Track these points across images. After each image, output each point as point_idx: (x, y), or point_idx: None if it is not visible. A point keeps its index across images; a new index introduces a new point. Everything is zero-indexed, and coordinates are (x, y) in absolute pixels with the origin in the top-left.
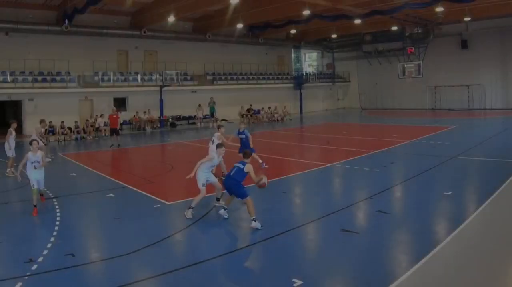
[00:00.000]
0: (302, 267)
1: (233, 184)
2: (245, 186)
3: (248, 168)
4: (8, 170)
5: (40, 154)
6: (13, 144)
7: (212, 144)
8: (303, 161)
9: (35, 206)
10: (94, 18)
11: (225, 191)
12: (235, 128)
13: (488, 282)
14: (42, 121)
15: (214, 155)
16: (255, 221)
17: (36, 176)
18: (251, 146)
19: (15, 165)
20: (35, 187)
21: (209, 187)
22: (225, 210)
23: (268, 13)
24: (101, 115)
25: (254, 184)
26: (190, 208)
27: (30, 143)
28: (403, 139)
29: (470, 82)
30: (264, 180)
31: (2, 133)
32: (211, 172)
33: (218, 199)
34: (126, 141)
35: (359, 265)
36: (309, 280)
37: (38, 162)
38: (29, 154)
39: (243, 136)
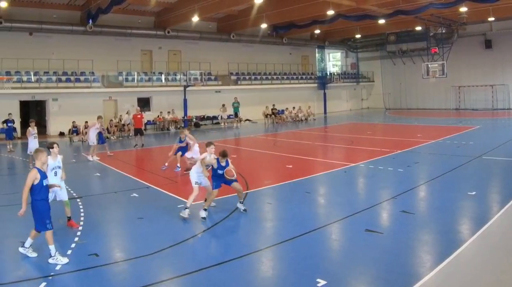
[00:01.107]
0: (326, 267)
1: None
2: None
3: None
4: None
5: (60, 158)
6: (31, 142)
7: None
8: (327, 161)
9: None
10: (118, 18)
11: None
12: (258, 128)
13: None
14: (99, 117)
15: (204, 155)
16: (205, 210)
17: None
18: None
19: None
20: (51, 198)
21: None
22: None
23: (292, 13)
24: (127, 112)
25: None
26: (186, 208)
27: (50, 147)
28: (427, 139)
29: (494, 82)
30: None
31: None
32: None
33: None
34: (150, 141)
35: (383, 265)
36: (333, 280)
37: (59, 167)
38: (48, 159)
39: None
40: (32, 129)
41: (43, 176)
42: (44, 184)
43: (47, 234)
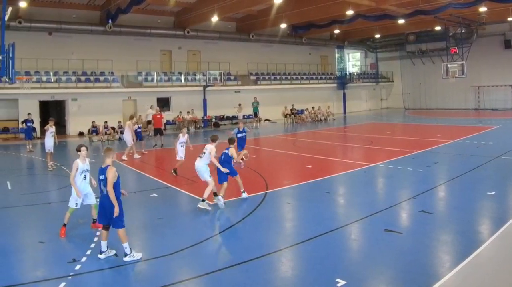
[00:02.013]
0: (346, 267)
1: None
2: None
3: (231, 151)
4: (49, 165)
5: (88, 161)
6: (48, 141)
7: (182, 146)
8: (347, 161)
9: (64, 225)
10: (137, 18)
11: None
12: (278, 128)
13: None
14: (132, 117)
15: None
16: (203, 201)
17: (86, 188)
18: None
19: (53, 160)
20: (78, 206)
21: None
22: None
23: (312, 13)
24: (151, 107)
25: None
26: (203, 200)
27: (78, 149)
28: (447, 139)
29: None
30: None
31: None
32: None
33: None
34: (169, 141)
35: (402, 265)
36: (353, 280)
37: (88, 170)
38: (78, 162)
39: (243, 134)
40: (50, 127)
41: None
42: (119, 181)
43: (122, 232)
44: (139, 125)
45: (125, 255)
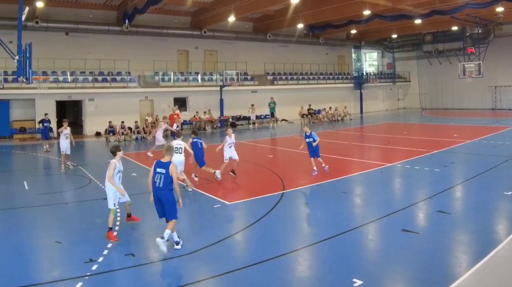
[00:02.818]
0: (363, 267)
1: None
2: None
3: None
4: (62, 166)
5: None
6: (63, 142)
7: (230, 147)
8: (364, 160)
9: (110, 228)
10: (154, 18)
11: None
12: (294, 128)
13: None
14: (164, 117)
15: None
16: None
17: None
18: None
19: (67, 161)
20: (116, 205)
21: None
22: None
23: (328, 13)
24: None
25: None
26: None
27: (116, 150)
28: (464, 139)
29: None
30: None
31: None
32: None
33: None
34: (186, 141)
35: (419, 265)
36: (370, 280)
37: (121, 171)
38: (115, 163)
39: (310, 139)
40: (65, 129)
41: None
42: None
43: (175, 222)
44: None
45: (177, 243)
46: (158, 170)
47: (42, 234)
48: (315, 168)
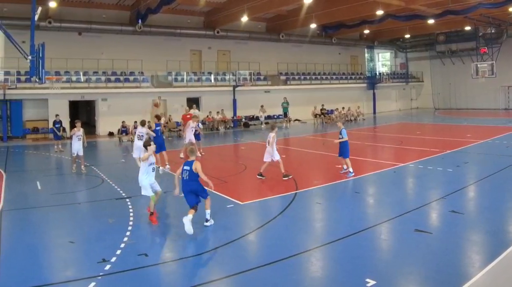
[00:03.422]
0: (376, 267)
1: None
2: None
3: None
4: (73, 167)
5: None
6: (75, 144)
7: (268, 145)
8: (377, 160)
9: (151, 213)
10: (167, 18)
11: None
12: (307, 128)
13: None
14: (194, 117)
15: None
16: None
17: (152, 179)
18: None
19: (81, 164)
20: (152, 193)
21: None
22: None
23: (341, 13)
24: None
25: None
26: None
27: (148, 145)
28: (477, 139)
29: None
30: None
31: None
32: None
33: None
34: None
35: (432, 265)
36: (383, 280)
37: (154, 163)
38: (151, 157)
39: (340, 136)
40: (78, 131)
41: None
42: None
43: (209, 200)
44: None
45: (206, 220)
46: (185, 167)
47: (55, 234)
48: (344, 167)
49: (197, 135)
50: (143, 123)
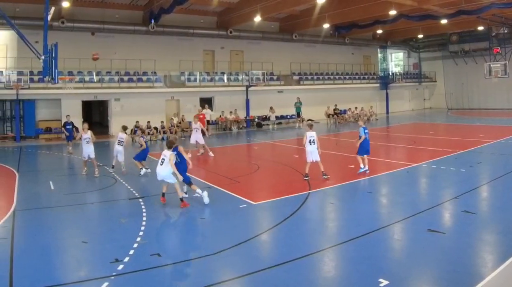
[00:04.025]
0: (389, 267)
1: None
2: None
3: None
4: (83, 171)
5: None
6: (85, 148)
7: (311, 144)
8: (390, 160)
9: (181, 198)
10: (180, 18)
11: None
12: (320, 128)
13: None
14: (195, 117)
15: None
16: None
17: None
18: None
19: (95, 168)
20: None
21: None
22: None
23: (354, 13)
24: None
25: None
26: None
27: (173, 145)
28: (490, 139)
29: None
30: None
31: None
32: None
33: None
34: (212, 141)
35: (445, 265)
36: (395, 280)
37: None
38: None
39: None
40: (84, 133)
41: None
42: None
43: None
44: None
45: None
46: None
47: (68, 234)
48: (361, 165)
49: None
50: (124, 128)
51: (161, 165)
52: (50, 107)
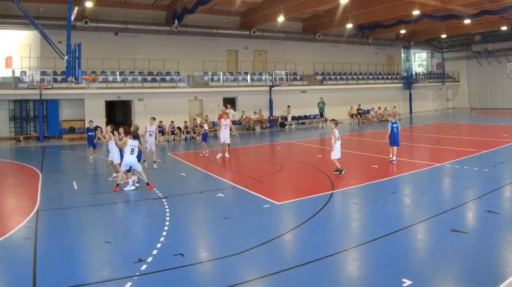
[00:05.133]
0: (412, 267)
1: None
2: None
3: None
4: (112, 176)
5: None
6: (112, 153)
7: (339, 140)
8: (413, 161)
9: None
10: (203, 18)
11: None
12: (344, 128)
13: None
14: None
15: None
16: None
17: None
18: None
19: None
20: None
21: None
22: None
23: (378, 13)
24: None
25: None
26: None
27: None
28: None
29: None
30: None
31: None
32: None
33: None
34: (235, 141)
35: (469, 265)
36: (419, 280)
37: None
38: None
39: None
40: (110, 139)
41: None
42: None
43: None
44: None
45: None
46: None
47: (91, 234)
48: (390, 155)
49: (204, 137)
50: (135, 135)
51: (131, 154)
52: (73, 107)
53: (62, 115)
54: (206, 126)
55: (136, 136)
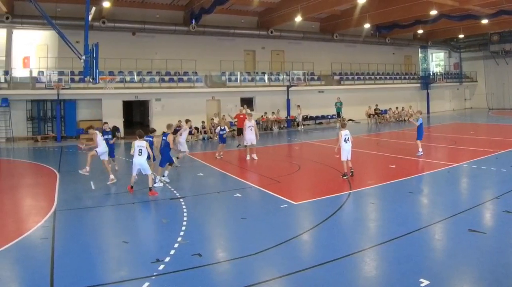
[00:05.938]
0: (429, 267)
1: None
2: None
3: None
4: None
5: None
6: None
7: (346, 142)
8: (430, 160)
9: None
10: (221, 18)
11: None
12: (361, 128)
13: None
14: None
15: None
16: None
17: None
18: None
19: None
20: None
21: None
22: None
23: (395, 13)
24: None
25: None
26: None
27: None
28: None
29: None
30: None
31: (130, 133)
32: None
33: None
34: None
35: (486, 266)
36: (436, 280)
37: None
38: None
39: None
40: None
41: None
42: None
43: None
44: (222, 128)
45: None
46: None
47: (109, 234)
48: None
49: (222, 139)
50: (141, 135)
51: (139, 155)
52: (91, 107)
53: (80, 115)
54: (226, 128)
55: (142, 136)
